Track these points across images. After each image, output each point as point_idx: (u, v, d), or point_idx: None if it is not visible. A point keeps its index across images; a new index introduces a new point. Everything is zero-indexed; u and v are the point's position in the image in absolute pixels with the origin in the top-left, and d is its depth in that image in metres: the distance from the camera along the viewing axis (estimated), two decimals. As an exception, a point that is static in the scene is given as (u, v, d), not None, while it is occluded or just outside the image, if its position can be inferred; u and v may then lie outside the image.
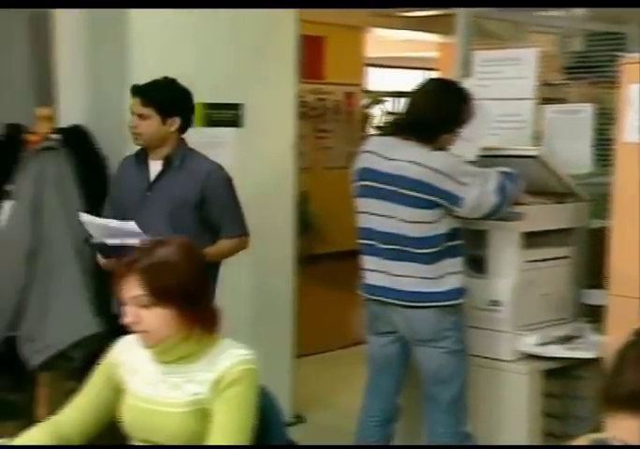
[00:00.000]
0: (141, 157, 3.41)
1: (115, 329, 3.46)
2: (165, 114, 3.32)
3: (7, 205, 3.60)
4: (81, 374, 3.58)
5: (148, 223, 3.15)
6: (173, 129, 3.34)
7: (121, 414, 2.17)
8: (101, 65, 4.06)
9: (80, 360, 3.49)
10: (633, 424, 1.37)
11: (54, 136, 3.69)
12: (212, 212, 3.38)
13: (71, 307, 3.49)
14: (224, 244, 3.41)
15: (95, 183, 3.74)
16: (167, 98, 3.33)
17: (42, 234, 3.55)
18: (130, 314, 2.06)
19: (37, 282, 3.53)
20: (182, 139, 3.42)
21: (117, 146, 3.82)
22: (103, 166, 3.82)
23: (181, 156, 3.37)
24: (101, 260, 3.35)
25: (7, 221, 3.58)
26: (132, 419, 2.13)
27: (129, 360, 2.19)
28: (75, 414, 2.19)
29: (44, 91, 4.24)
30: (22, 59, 4.23)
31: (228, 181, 3.42)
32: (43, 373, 3.66)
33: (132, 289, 2.04)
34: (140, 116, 3.32)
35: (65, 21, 4.13)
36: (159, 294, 2.02)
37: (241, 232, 3.46)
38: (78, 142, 3.77)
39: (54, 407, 2.50)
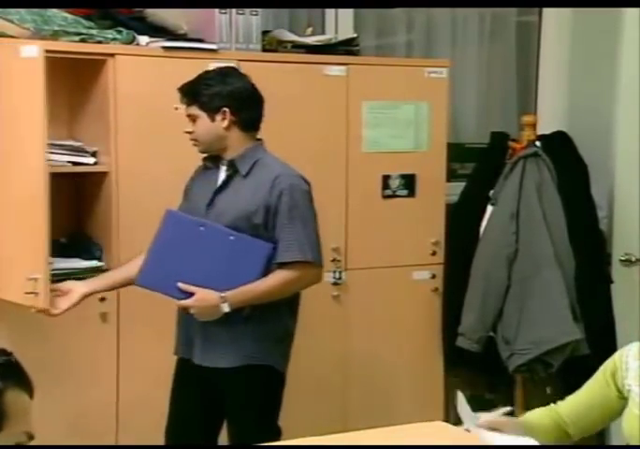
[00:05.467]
0: (210, 163, 2.91)
1: (595, 338, 3.49)
2: (209, 109, 2.79)
3: (490, 210, 3.73)
4: (558, 380, 3.63)
5: None
6: (224, 126, 2.80)
7: (623, 424, 2.13)
8: (584, 71, 4.03)
9: (556, 366, 3.51)
10: None
11: (536, 143, 3.75)
12: (271, 231, 2.76)
13: (550, 312, 3.52)
14: (275, 276, 2.76)
15: (576, 190, 3.73)
16: (207, 91, 2.79)
17: (522, 238, 3.61)
18: None
19: (516, 285, 3.61)
20: (258, 140, 2.89)
21: (600, 152, 3.77)
22: (583, 173, 3.78)
23: (250, 162, 2.82)
24: None
25: (488, 225, 3.72)
26: (632, 430, 2.09)
27: (636, 368, 2.14)
28: (572, 408, 2.21)
29: (527, 98, 4.34)
30: (509, 67, 4.36)
31: (300, 193, 2.79)
32: (520, 375, 3.74)
33: None
34: (190, 117, 2.84)
35: (551, 27, 4.19)
36: None
37: (301, 258, 2.76)
38: (559, 149, 3.78)
39: (531, 409, 2.54)
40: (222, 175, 2.86)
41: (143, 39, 3.21)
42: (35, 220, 2.81)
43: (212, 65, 3.23)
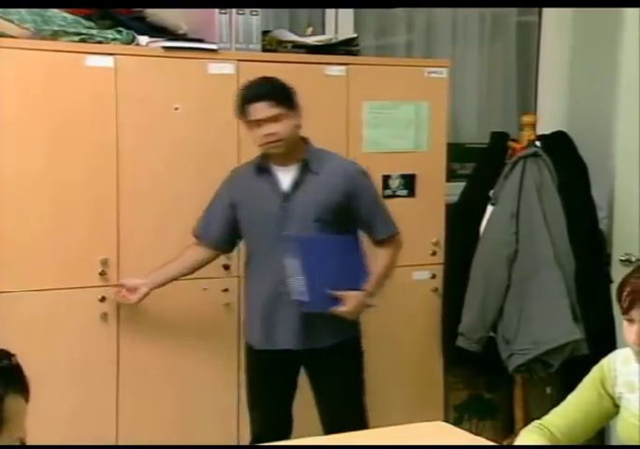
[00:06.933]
0: (263, 167, 3.02)
1: (594, 338, 3.49)
2: (297, 109, 2.98)
3: (490, 209, 3.73)
4: (558, 381, 3.64)
5: (292, 237, 2.91)
6: (300, 125, 3.01)
7: (617, 429, 2.13)
8: (584, 71, 4.03)
9: (556, 366, 3.51)
10: None
11: (536, 143, 3.75)
12: (361, 215, 3.05)
13: (550, 312, 3.52)
14: (385, 254, 3.10)
15: (576, 191, 3.73)
16: (292, 91, 2.98)
17: (522, 239, 3.62)
18: (637, 334, 1.97)
19: (516, 285, 3.61)
20: (307, 138, 3.07)
21: (600, 152, 3.77)
22: (583, 173, 3.78)
23: (318, 158, 3.02)
24: None
25: (488, 225, 3.72)
26: (628, 437, 2.08)
27: (625, 374, 2.13)
28: (563, 421, 2.19)
29: (527, 98, 4.34)
30: (509, 67, 4.37)
31: (366, 176, 3.11)
32: (519, 375, 3.74)
33: None
34: (275, 118, 2.92)
35: (551, 27, 4.20)
36: None
37: (395, 231, 3.13)
38: (559, 149, 3.79)
39: (529, 410, 2.54)
40: (290, 174, 2.99)
41: (143, 39, 3.22)
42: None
43: (213, 66, 3.26)
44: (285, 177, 3.00)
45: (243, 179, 3.07)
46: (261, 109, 2.92)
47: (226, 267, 3.34)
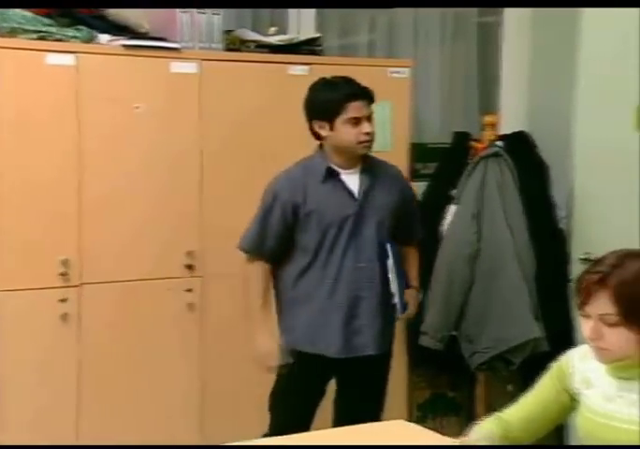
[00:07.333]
0: (332, 171, 2.99)
1: (554, 335, 3.53)
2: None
3: (452, 209, 3.76)
4: (519, 378, 3.67)
5: (366, 241, 2.97)
6: None
7: (576, 425, 2.15)
8: (544, 71, 4.07)
9: (517, 364, 3.54)
10: None
11: (498, 142, 3.78)
12: (407, 216, 3.14)
13: (511, 310, 3.55)
14: (413, 255, 3.27)
15: (536, 190, 3.76)
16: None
17: (484, 238, 3.64)
18: (591, 330, 1.99)
19: (478, 284, 3.64)
20: None
21: (559, 152, 3.81)
22: (544, 173, 3.82)
23: (374, 162, 3.06)
24: None
25: (450, 224, 3.74)
26: (588, 432, 2.10)
27: (582, 370, 2.15)
28: (522, 415, 2.21)
29: (489, 98, 4.37)
30: (471, 67, 4.39)
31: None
32: (482, 373, 3.77)
33: (601, 306, 1.96)
34: (369, 118, 2.96)
35: (511, 28, 4.23)
36: (630, 315, 1.94)
37: (423, 233, 3.30)
38: (520, 149, 3.82)
39: (492, 407, 2.56)
40: (355, 177, 2.99)
41: (104, 38, 3.19)
42: None
43: (175, 65, 3.24)
44: (352, 181, 2.99)
45: (309, 183, 2.98)
46: (362, 108, 2.93)
47: (190, 267, 3.33)
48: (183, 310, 3.34)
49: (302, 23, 3.92)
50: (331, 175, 2.98)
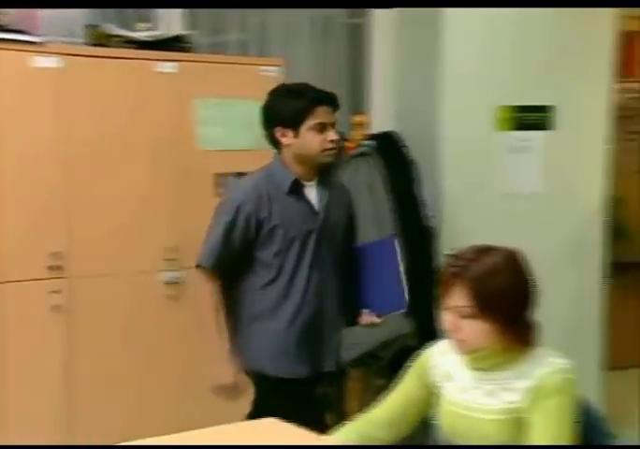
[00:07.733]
0: (297, 183, 2.89)
1: (422, 330, 3.59)
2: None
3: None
4: (389, 372, 3.71)
5: (329, 255, 2.95)
6: None
7: (438, 419, 2.19)
8: (411, 72, 4.14)
9: (387, 359, 3.59)
10: None
11: (367, 142, 3.82)
12: (352, 229, 3.12)
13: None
14: None
15: (405, 190, 3.82)
16: None
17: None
18: (449, 322, 2.04)
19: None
20: None
21: (427, 152, 3.88)
22: (412, 172, 3.88)
23: (326, 174, 2.98)
24: None
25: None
26: (450, 425, 2.15)
27: (442, 364, 2.20)
28: (385, 415, 2.24)
29: (359, 98, 4.42)
30: (341, 68, 4.43)
31: None
32: (353, 369, 3.81)
33: (457, 298, 2.02)
34: (334, 125, 2.90)
35: (378, 29, 4.28)
36: (484, 307, 1.99)
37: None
38: (389, 148, 3.87)
39: (363, 401, 2.59)
40: (313, 189, 2.90)
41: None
42: None
43: (37, 59, 3.14)
44: (312, 194, 2.91)
45: (273, 196, 2.85)
46: (328, 113, 2.84)
47: (56, 268, 3.23)
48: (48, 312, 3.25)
49: (171, 21, 3.86)
50: (296, 188, 2.88)
